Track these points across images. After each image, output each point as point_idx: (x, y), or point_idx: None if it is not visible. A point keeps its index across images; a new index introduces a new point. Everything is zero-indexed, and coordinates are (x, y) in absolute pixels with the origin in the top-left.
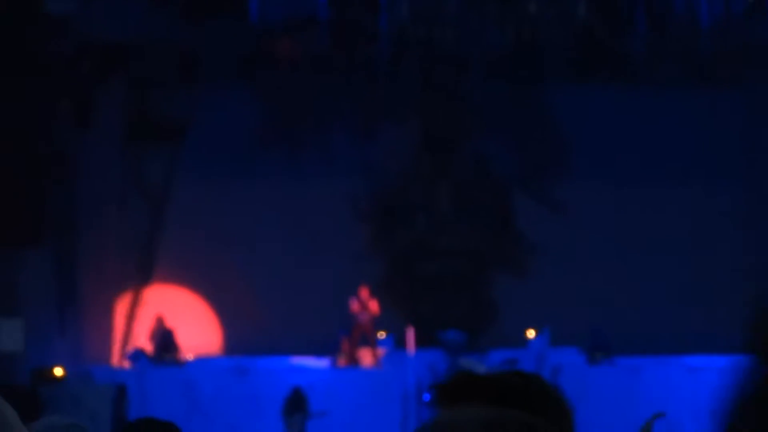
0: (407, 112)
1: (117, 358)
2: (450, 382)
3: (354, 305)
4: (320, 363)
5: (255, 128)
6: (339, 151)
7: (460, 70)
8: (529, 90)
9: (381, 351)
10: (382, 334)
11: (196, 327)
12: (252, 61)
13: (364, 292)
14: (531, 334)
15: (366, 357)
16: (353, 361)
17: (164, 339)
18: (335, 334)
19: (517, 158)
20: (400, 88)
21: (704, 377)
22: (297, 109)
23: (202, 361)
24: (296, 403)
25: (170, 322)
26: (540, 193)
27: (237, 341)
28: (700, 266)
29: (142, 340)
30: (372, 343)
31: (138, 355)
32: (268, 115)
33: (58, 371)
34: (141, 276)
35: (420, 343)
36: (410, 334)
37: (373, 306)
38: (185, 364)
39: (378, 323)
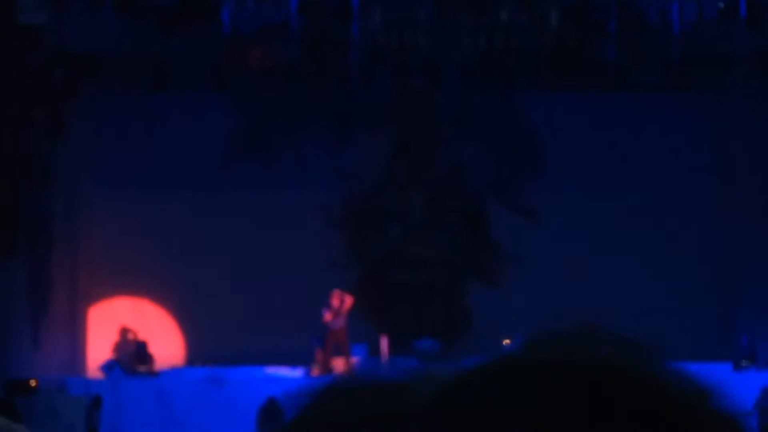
0: (380, 121)
1: (91, 369)
2: None
3: (327, 315)
4: (294, 373)
5: (227, 137)
6: (312, 159)
7: (433, 78)
8: (502, 97)
9: (355, 360)
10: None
11: (167, 337)
12: (224, 71)
13: (336, 299)
14: (506, 343)
15: (340, 366)
16: (327, 371)
17: (137, 350)
18: (309, 344)
19: (492, 166)
20: (373, 96)
21: None
22: (269, 118)
23: (175, 371)
24: (271, 413)
25: (143, 333)
26: (514, 200)
27: (210, 351)
28: (675, 273)
29: (115, 352)
30: (346, 352)
31: (111, 366)
32: (240, 124)
33: (33, 382)
34: (113, 287)
35: (394, 351)
36: (384, 343)
37: (348, 301)
38: (159, 375)
39: (352, 332)
